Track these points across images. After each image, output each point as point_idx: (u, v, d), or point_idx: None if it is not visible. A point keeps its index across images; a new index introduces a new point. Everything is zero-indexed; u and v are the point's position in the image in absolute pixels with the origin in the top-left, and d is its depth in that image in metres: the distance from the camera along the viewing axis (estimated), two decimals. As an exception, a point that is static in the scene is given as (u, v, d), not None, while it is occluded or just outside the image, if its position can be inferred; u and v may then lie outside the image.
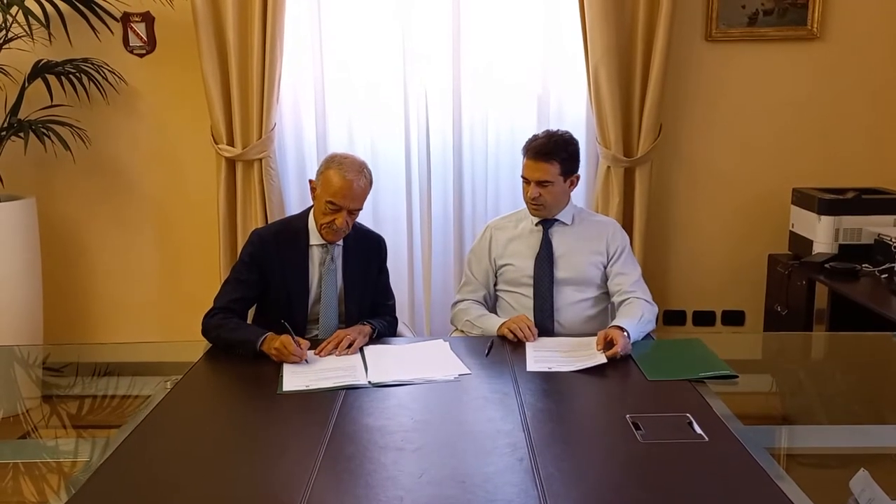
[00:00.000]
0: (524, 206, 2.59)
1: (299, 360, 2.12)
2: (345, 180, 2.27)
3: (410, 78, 3.56)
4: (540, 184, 2.47)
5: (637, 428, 1.71)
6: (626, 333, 2.20)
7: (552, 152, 2.46)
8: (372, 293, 2.50)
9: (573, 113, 3.63)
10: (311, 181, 2.40)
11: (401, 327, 2.72)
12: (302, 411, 1.86)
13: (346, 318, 2.42)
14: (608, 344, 2.16)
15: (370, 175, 2.35)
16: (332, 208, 2.28)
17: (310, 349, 2.19)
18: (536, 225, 2.57)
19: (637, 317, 2.36)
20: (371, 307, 2.49)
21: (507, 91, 3.60)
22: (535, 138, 2.52)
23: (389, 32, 3.54)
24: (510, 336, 2.33)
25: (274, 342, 2.15)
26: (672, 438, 1.67)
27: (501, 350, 2.27)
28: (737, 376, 2.04)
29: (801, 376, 2.40)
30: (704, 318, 3.87)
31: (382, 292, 2.55)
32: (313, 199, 2.38)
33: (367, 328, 2.33)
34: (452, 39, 3.53)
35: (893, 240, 3.09)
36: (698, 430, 1.70)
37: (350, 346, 2.22)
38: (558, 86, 3.60)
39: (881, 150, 3.67)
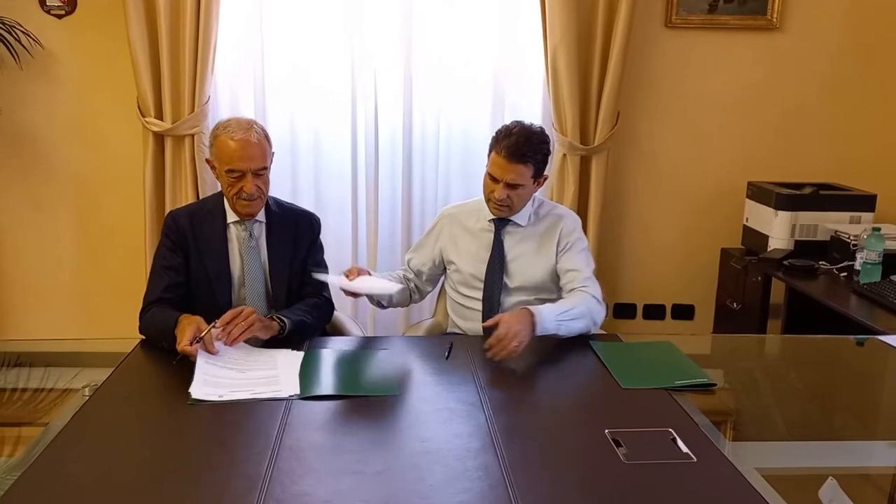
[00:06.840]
0: (479, 196, 2.39)
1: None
2: (236, 142, 2.13)
3: (358, 55, 3.35)
4: (510, 185, 2.23)
5: (618, 445, 1.57)
6: (532, 318, 2.01)
7: (528, 154, 2.20)
8: (301, 274, 2.31)
9: (528, 101, 3.47)
10: (207, 160, 2.27)
11: (345, 320, 2.54)
12: (240, 427, 1.63)
13: (273, 301, 2.25)
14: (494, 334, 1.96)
15: (263, 129, 2.21)
16: (234, 177, 2.14)
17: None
18: (489, 222, 2.37)
19: (566, 308, 2.12)
20: (299, 287, 2.30)
21: (460, 77, 3.43)
22: (508, 133, 2.22)
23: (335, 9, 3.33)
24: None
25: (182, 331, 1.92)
26: (658, 458, 1.53)
27: (462, 352, 2.08)
28: (714, 384, 1.92)
29: (793, 383, 2.19)
30: (655, 312, 3.80)
31: (315, 269, 2.34)
32: (216, 177, 2.23)
33: (274, 324, 2.08)
34: (404, 23, 3.33)
35: (851, 237, 3.05)
36: (684, 447, 1.56)
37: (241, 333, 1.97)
38: (513, 73, 3.45)
39: (838, 146, 3.64)
